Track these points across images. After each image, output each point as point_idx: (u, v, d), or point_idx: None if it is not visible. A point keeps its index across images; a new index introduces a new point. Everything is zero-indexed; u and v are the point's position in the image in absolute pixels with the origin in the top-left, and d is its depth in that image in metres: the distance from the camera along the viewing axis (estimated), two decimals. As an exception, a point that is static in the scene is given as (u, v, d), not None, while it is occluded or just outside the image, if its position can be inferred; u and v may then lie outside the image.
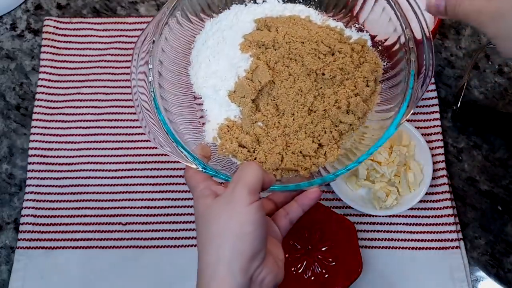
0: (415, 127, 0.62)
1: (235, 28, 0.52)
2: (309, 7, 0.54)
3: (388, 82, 0.49)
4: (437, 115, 0.65)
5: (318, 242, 0.57)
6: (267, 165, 0.46)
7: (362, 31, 0.52)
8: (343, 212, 0.61)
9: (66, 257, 0.60)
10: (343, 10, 0.53)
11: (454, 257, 0.59)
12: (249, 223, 0.36)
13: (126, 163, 0.65)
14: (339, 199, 0.61)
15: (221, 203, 0.38)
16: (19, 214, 0.62)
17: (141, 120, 0.46)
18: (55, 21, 0.71)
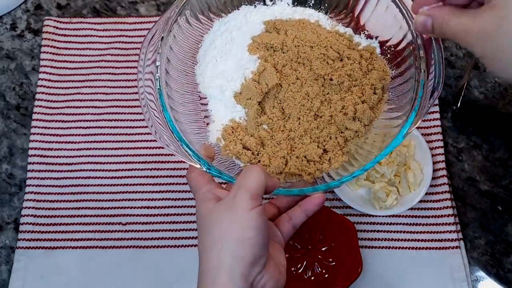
0: (415, 127, 0.61)
1: (244, 29, 0.51)
2: (310, 8, 0.54)
3: (396, 90, 0.49)
4: (437, 115, 0.65)
5: (318, 242, 0.57)
6: (271, 168, 0.46)
7: (371, 38, 0.51)
8: (343, 212, 0.61)
9: (66, 257, 0.60)
10: (344, 11, 0.53)
11: (454, 257, 0.59)
12: (250, 228, 0.36)
13: (126, 163, 0.65)
14: (339, 199, 0.61)
15: (223, 207, 0.38)
16: (19, 214, 0.62)
17: (147, 120, 0.45)
18: (55, 21, 0.71)
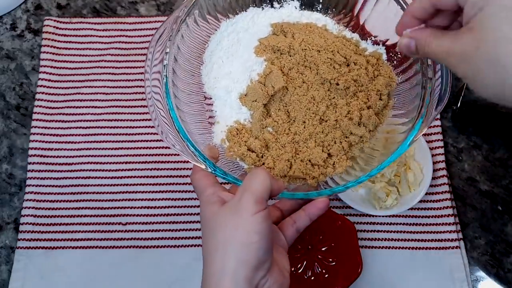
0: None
1: (251, 31, 0.51)
2: (313, 10, 0.54)
3: (402, 96, 0.49)
4: (437, 115, 0.65)
5: (318, 242, 0.58)
6: (275, 171, 0.45)
7: (378, 44, 0.51)
8: (343, 212, 0.61)
9: (66, 257, 0.60)
10: (343, 10, 0.53)
11: (454, 257, 0.59)
12: (254, 232, 0.36)
13: (126, 163, 0.65)
14: (339, 199, 0.61)
15: (227, 211, 0.38)
16: (19, 214, 0.62)
17: (153, 120, 0.45)
18: (55, 21, 0.71)
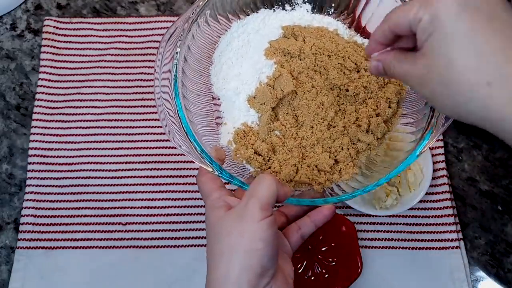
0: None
1: (262, 32, 0.51)
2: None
3: (412, 105, 0.48)
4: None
5: (318, 242, 0.58)
6: (281, 175, 0.45)
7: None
8: (343, 212, 0.61)
9: (66, 257, 0.60)
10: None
11: (454, 257, 0.59)
12: (259, 239, 0.36)
13: (126, 163, 0.65)
14: (339, 199, 0.61)
15: (233, 217, 0.38)
16: (19, 214, 0.62)
17: (162, 120, 0.45)
18: (55, 21, 0.71)
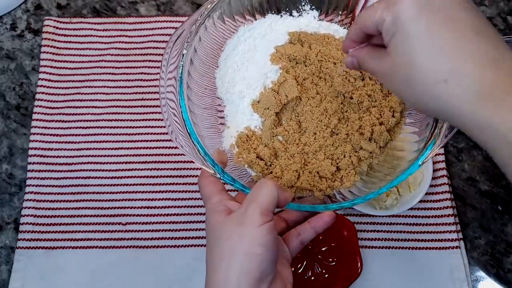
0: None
1: (268, 37, 0.51)
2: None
3: (415, 114, 0.48)
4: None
5: (318, 242, 0.58)
6: (283, 181, 0.45)
7: None
8: (343, 212, 0.61)
9: (66, 257, 0.60)
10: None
11: (454, 257, 0.59)
12: (259, 244, 0.36)
13: (126, 163, 0.65)
14: (339, 199, 0.61)
15: (233, 222, 0.38)
16: (19, 214, 0.62)
17: (165, 120, 0.45)
18: (55, 21, 0.71)
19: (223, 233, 0.38)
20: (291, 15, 0.53)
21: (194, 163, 0.44)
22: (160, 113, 0.66)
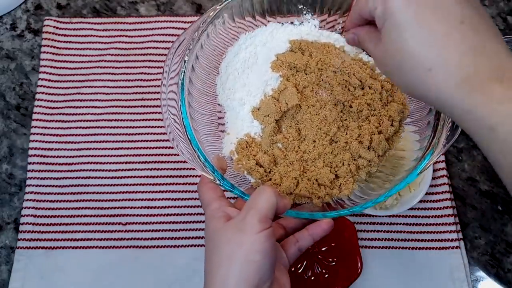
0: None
1: (269, 45, 0.52)
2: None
3: (413, 124, 0.49)
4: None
5: (319, 242, 0.57)
6: (282, 188, 0.45)
7: None
8: (343, 212, 0.61)
9: (66, 257, 0.60)
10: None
11: (454, 257, 0.59)
12: (256, 251, 0.36)
13: (126, 163, 0.65)
14: (339, 199, 0.61)
15: (232, 228, 0.38)
16: (19, 214, 0.62)
17: (166, 126, 0.45)
18: (55, 21, 0.71)
19: (222, 239, 0.38)
20: (292, 23, 0.54)
21: None
22: (160, 113, 0.66)
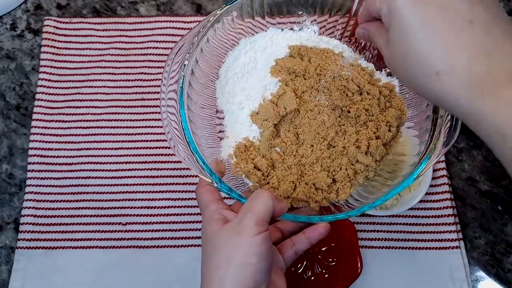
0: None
1: (269, 50, 0.52)
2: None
3: (415, 128, 0.49)
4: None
5: (319, 242, 0.57)
6: (279, 191, 0.46)
7: (392, 76, 0.51)
8: (343, 212, 0.61)
9: (66, 257, 0.60)
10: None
11: (454, 257, 0.59)
12: (253, 254, 0.36)
13: (126, 163, 0.65)
14: (339, 199, 0.61)
15: (229, 231, 0.38)
16: (19, 214, 0.62)
17: (165, 126, 0.46)
18: (55, 21, 0.71)
19: (220, 242, 0.38)
20: (292, 29, 0.54)
21: None
22: (160, 113, 0.66)
